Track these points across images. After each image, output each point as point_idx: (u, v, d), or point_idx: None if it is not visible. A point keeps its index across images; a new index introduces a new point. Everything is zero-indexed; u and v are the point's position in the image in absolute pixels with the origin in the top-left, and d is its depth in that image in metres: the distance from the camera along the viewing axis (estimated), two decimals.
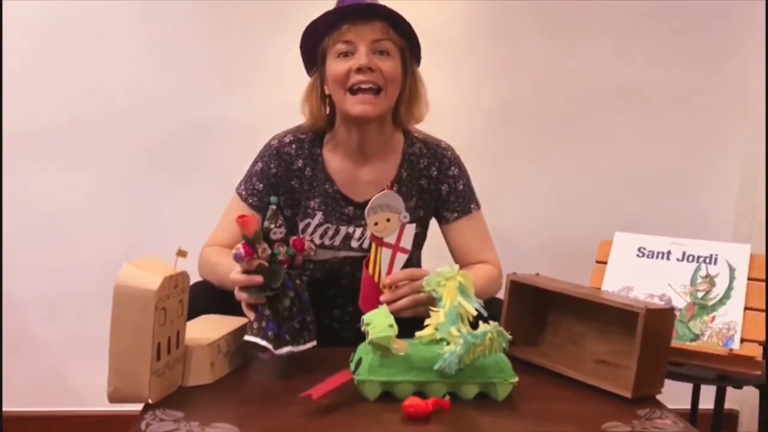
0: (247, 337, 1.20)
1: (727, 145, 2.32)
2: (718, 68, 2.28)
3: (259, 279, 1.19)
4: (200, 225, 1.60)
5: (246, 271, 1.20)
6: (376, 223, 1.32)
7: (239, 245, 1.19)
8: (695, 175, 2.31)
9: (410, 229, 1.35)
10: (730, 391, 2.31)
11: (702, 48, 2.27)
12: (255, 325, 1.20)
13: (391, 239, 1.34)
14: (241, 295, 1.23)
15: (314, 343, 1.26)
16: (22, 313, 2.13)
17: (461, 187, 1.57)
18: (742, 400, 2.36)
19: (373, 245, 1.34)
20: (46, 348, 2.16)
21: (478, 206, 1.59)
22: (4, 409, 2.11)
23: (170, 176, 2.15)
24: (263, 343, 1.19)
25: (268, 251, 1.20)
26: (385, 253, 1.34)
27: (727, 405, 2.32)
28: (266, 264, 1.20)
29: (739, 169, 2.32)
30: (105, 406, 2.06)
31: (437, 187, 1.56)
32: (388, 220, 1.33)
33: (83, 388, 2.15)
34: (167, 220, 2.13)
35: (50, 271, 2.13)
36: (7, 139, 2.07)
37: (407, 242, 1.35)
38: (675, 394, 1.56)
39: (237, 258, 1.19)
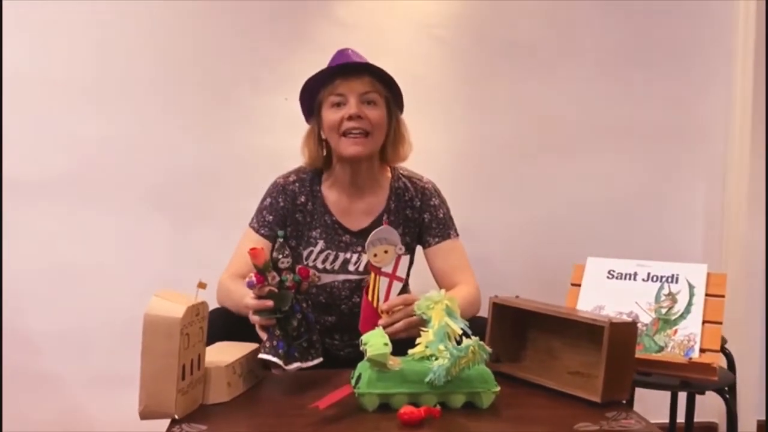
0: (260, 356, 1.35)
1: (692, 175, 2.50)
2: (682, 103, 2.47)
3: (269, 303, 1.35)
4: (209, 263, 1.75)
5: (258, 297, 1.36)
6: (375, 255, 1.48)
7: (251, 274, 1.35)
8: (664, 202, 2.49)
9: (405, 261, 1.51)
10: (709, 405, 2.46)
11: (667, 84, 2.46)
12: (267, 344, 1.36)
13: (388, 269, 1.50)
14: (254, 318, 1.39)
15: (321, 359, 1.42)
16: (40, 351, 2.26)
17: (441, 215, 1.77)
18: (720, 413, 2.50)
19: (372, 274, 1.49)
20: (63, 383, 2.28)
21: (456, 234, 1.79)
22: None
23: (178, 218, 2.30)
24: (275, 359, 1.34)
25: (277, 278, 1.37)
26: (383, 282, 1.49)
27: (706, 418, 2.48)
28: (276, 290, 1.36)
29: (704, 196, 2.50)
30: None
31: (420, 215, 1.76)
32: (386, 252, 1.49)
33: (100, 420, 2.27)
34: (178, 258, 2.28)
35: (66, 312, 2.25)
36: (22, 185, 2.21)
37: (402, 272, 1.51)
38: (655, 409, 1.69)
39: (249, 285, 1.35)
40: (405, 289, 1.78)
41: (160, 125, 2.28)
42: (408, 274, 1.79)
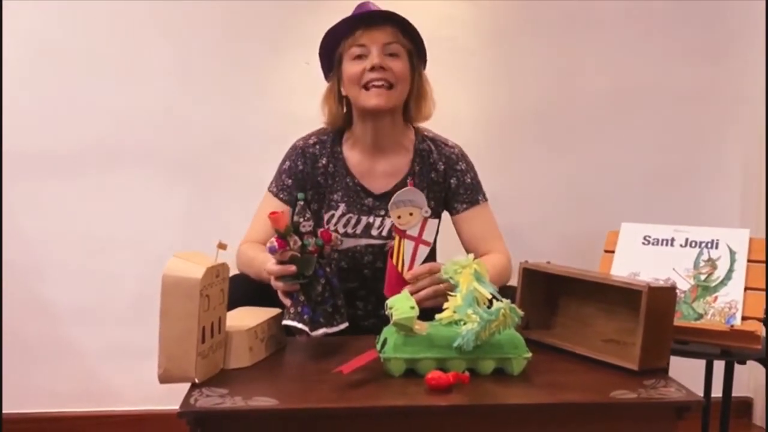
0: (285, 322, 1.31)
1: (729, 138, 2.40)
2: (717, 63, 2.38)
3: (292, 268, 1.31)
4: (228, 229, 1.70)
5: (280, 262, 1.32)
6: (399, 217, 1.42)
7: (273, 239, 1.30)
8: (700, 167, 2.40)
9: (432, 224, 1.45)
10: (744, 379, 2.39)
11: (702, 44, 2.37)
12: (292, 311, 1.32)
13: (413, 232, 1.43)
14: (277, 284, 1.34)
15: (346, 324, 1.37)
16: (64, 321, 2.25)
17: (469, 180, 1.70)
18: (756, 388, 2.43)
19: (397, 237, 1.44)
20: (87, 352, 2.27)
21: (485, 198, 1.72)
22: (51, 410, 2.25)
23: (197, 187, 2.27)
24: (300, 325, 1.30)
25: (299, 243, 1.32)
26: (408, 245, 1.43)
27: (741, 393, 2.41)
28: (298, 254, 1.32)
29: (741, 160, 2.41)
30: (144, 406, 2.23)
31: (446, 180, 1.70)
32: (411, 214, 1.43)
33: (123, 389, 2.27)
34: (197, 227, 2.24)
35: (89, 282, 2.24)
36: (42, 157, 2.20)
37: (429, 235, 1.44)
38: (688, 383, 1.62)
39: (271, 251, 1.30)
40: (432, 258, 1.73)
41: (181, 94, 2.24)
42: (435, 242, 1.74)
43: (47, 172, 2.21)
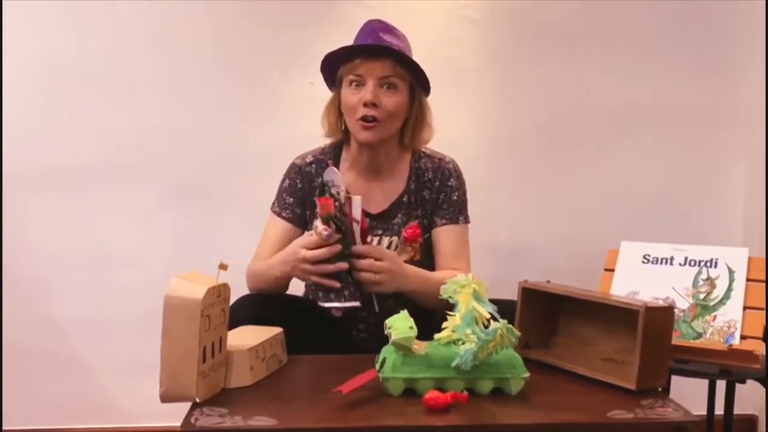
0: (345, 304, 1.43)
1: (732, 157, 2.40)
2: (721, 83, 2.38)
3: (339, 247, 1.39)
4: (234, 247, 1.73)
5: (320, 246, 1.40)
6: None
7: (323, 227, 1.38)
8: (703, 186, 2.40)
9: (356, 201, 1.48)
10: (749, 397, 2.37)
11: (705, 64, 2.37)
12: (346, 292, 1.41)
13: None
14: (325, 267, 1.41)
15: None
16: (69, 336, 2.27)
17: (455, 197, 1.71)
18: (761, 405, 2.42)
19: None
20: (92, 368, 2.29)
21: (466, 221, 1.73)
22: (55, 425, 2.27)
23: (205, 205, 2.29)
24: (358, 304, 1.41)
25: (334, 226, 1.40)
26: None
27: (746, 411, 2.40)
28: (341, 236, 1.41)
29: (744, 179, 2.41)
30: (148, 422, 2.24)
31: (437, 195, 1.71)
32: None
33: (127, 405, 2.29)
34: (203, 245, 2.26)
35: (97, 298, 2.27)
36: (50, 173, 2.23)
37: (356, 213, 1.48)
38: (691, 400, 1.63)
39: (329, 237, 1.39)
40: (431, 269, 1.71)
41: (188, 112, 2.26)
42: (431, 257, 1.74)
43: (55, 189, 2.23)
